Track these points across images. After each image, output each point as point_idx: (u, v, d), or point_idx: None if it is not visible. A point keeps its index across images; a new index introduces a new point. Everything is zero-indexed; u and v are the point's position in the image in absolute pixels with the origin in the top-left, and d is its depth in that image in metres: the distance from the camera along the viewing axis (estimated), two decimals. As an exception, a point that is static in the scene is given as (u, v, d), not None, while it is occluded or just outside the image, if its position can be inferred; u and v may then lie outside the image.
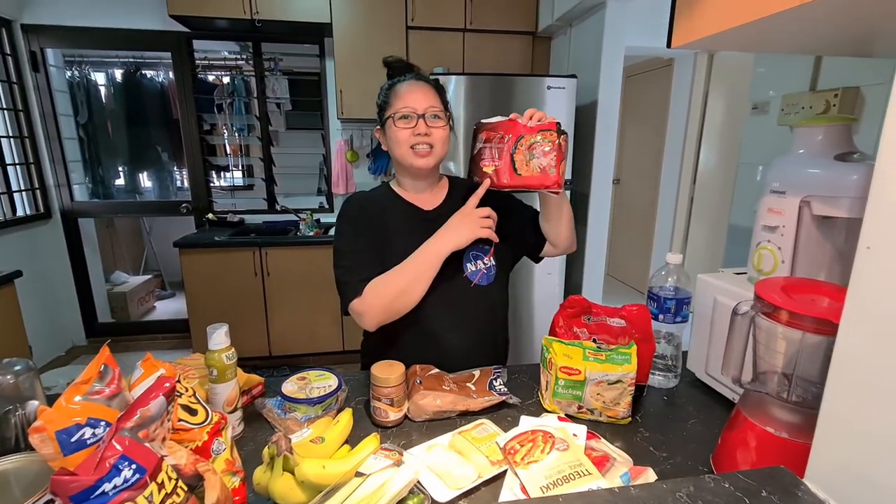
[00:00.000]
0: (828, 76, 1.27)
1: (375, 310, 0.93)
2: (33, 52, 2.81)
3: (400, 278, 0.93)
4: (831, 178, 0.75)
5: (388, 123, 0.98)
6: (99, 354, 0.56)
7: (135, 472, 0.45)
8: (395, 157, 1.00)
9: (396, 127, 0.96)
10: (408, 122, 0.95)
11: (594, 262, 2.64)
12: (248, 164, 3.75)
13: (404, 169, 1.02)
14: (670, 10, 0.72)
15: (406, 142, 0.96)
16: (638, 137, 4.12)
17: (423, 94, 0.96)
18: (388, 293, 0.93)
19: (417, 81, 0.98)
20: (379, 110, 1.02)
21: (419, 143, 0.96)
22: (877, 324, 0.47)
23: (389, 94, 0.99)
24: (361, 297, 0.93)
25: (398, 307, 0.94)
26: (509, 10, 2.81)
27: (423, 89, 0.97)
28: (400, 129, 0.96)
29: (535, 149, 0.87)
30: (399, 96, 0.96)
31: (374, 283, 0.93)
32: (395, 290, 0.93)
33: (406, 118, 0.95)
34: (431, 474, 0.69)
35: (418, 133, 0.95)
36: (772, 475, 0.56)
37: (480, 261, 1.04)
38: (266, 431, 0.83)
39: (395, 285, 0.93)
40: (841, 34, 0.65)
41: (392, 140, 0.98)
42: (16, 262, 2.29)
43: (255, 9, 2.60)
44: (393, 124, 0.96)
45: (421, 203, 1.05)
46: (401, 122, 0.95)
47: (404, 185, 1.06)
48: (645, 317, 0.90)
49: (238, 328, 2.66)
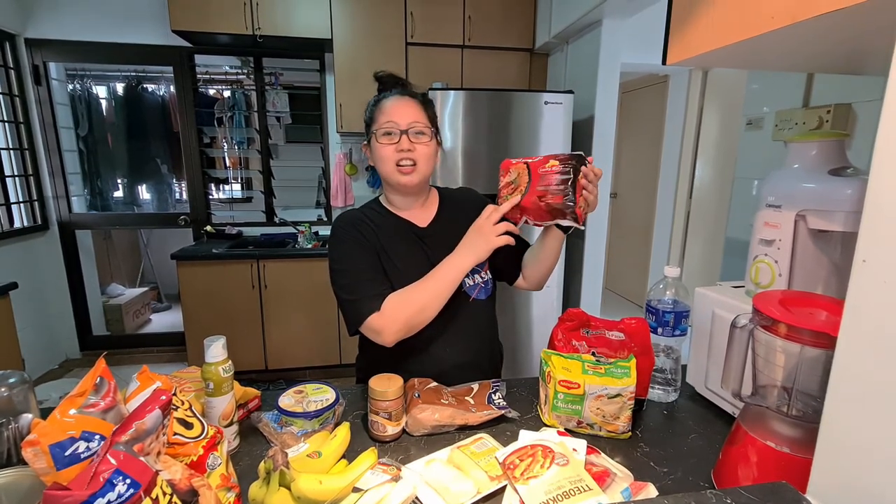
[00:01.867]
0: (820, 93, 1.29)
1: (396, 325, 0.90)
2: (36, 65, 2.83)
3: (421, 294, 0.91)
4: (826, 193, 0.76)
5: (373, 139, 0.97)
6: (95, 367, 0.55)
7: (129, 487, 0.45)
8: (381, 173, 0.99)
9: (379, 143, 0.95)
10: (390, 139, 0.94)
11: (592, 275, 2.64)
12: (247, 177, 3.77)
13: (391, 185, 1.00)
14: (665, 28, 0.73)
15: (389, 158, 0.95)
16: (634, 152, 4.16)
17: (408, 109, 0.95)
18: (410, 309, 0.90)
19: (402, 96, 0.97)
20: (366, 126, 1.01)
21: (402, 158, 0.94)
22: (875, 337, 0.48)
23: (374, 110, 0.98)
24: (380, 312, 0.90)
25: (417, 322, 0.91)
26: (507, 27, 2.86)
27: (407, 104, 0.96)
28: (383, 146, 0.95)
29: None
30: (383, 111, 0.95)
31: (393, 299, 0.91)
32: (416, 306, 0.90)
33: (389, 134, 0.94)
34: (430, 490, 0.68)
35: (401, 149, 0.94)
36: (774, 491, 0.56)
37: (478, 275, 1.04)
38: (262, 446, 0.81)
39: (417, 301, 0.90)
40: (832, 52, 0.67)
41: (376, 156, 0.97)
42: (12, 274, 2.28)
43: (256, 24, 2.64)
44: (376, 140, 0.95)
45: (414, 219, 1.03)
46: (384, 138, 0.94)
47: (394, 201, 1.04)
48: (644, 330, 0.90)
49: (234, 341, 2.64)
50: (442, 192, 1.11)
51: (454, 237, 0.94)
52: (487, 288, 1.05)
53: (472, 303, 1.02)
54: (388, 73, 1.04)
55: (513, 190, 0.90)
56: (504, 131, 2.37)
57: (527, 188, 0.87)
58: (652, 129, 3.81)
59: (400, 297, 0.91)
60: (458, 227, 0.95)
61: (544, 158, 0.87)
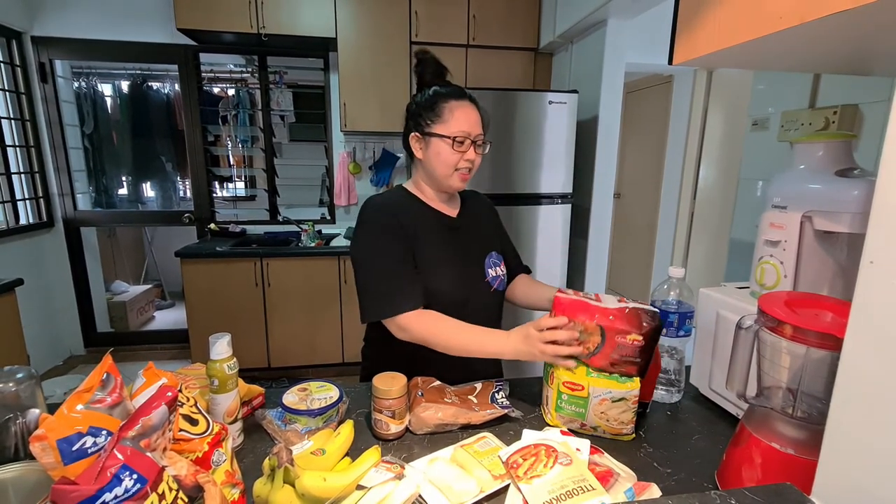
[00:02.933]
0: (826, 93, 1.29)
1: (418, 334, 0.93)
2: (42, 63, 2.85)
3: (455, 338, 0.92)
4: (832, 194, 0.75)
5: (438, 140, 0.97)
6: (101, 363, 0.56)
7: (136, 482, 0.45)
8: (435, 173, 1.00)
9: (452, 150, 0.96)
10: (461, 147, 0.97)
11: (595, 276, 2.64)
12: (251, 176, 3.78)
13: (438, 184, 1.03)
14: (672, 29, 0.73)
15: (454, 165, 0.98)
16: (638, 152, 4.15)
17: (477, 120, 0.98)
18: (439, 337, 0.93)
19: (471, 104, 0.99)
20: (421, 115, 0.99)
21: (465, 167, 0.98)
22: (882, 339, 0.47)
23: (443, 108, 0.97)
24: (417, 315, 0.93)
25: (433, 345, 0.94)
26: (511, 26, 2.85)
27: (474, 113, 0.99)
28: (454, 154, 0.97)
29: None
30: (455, 116, 0.96)
31: (434, 318, 0.93)
32: (444, 340, 0.93)
33: (462, 143, 0.97)
34: (433, 488, 0.68)
35: (467, 158, 0.98)
36: (778, 492, 0.56)
37: (498, 267, 1.10)
38: (266, 443, 0.82)
39: (448, 339, 0.92)
40: (839, 53, 0.66)
41: (438, 158, 0.98)
42: (17, 271, 2.30)
43: (261, 23, 2.64)
44: (449, 145, 0.96)
45: (445, 210, 1.07)
46: (457, 146, 0.96)
47: (427, 193, 1.05)
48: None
49: (238, 339, 2.63)
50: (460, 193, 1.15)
51: (479, 230, 1.09)
52: (504, 281, 1.12)
53: (493, 293, 1.08)
54: (432, 54, 1.04)
55: (577, 342, 0.83)
56: (508, 131, 2.37)
57: (597, 349, 0.82)
58: (656, 129, 3.80)
59: (439, 322, 0.93)
60: (480, 222, 1.10)
61: (621, 320, 0.80)
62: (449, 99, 0.98)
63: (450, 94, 0.98)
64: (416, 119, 1.00)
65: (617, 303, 0.83)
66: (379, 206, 1.00)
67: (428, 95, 1.00)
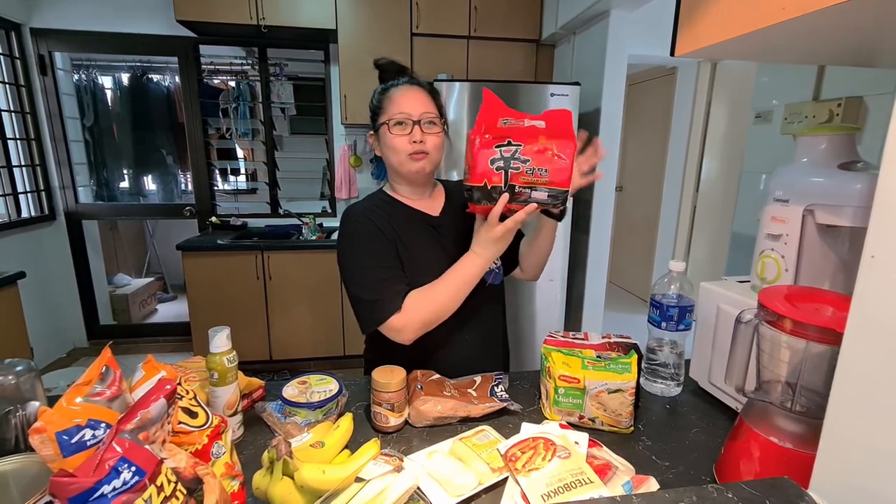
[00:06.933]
0: (831, 85, 1.27)
1: (416, 324, 0.90)
2: (42, 55, 2.84)
3: (442, 294, 0.90)
4: (835, 187, 0.75)
5: (382, 130, 0.95)
6: (100, 356, 0.56)
7: (134, 475, 0.45)
8: (391, 163, 0.98)
9: (392, 134, 0.94)
10: (403, 129, 0.93)
11: (596, 269, 2.63)
12: (252, 169, 3.77)
13: (400, 176, 1.00)
14: (674, 19, 0.72)
15: (402, 149, 0.94)
16: (641, 145, 4.13)
17: (418, 100, 0.94)
18: (431, 307, 0.90)
19: (412, 86, 0.96)
20: (372, 114, 0.99)
21: (415, 149, 0.94)
22: (882, 334, 0.47)
23: (383, 99, 0.96)
24: (402, 311, 0.89)
25: (436, 320, 0.92)
26: (513, 18, 2.83)
27: (417, 94, 0.95)
28: (395, 136, 0.94)
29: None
30: (393, 101, 0.94)
31: (414, 297, 0.91)
32: (437, 305, 0.90)
33: (401, 125, 0.93)
34: (431, 481, 0.68)
35: (414, 140, 0.93)
36: (775, 485, 0.56)
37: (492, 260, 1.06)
38: (266, 435, 0.82)
39: (438, 300, 0.90)
40: (843, 44, 0.65)
41: (387, 147, 0.96)
42: (19, 263, 2.31)
43: (261, 15, 2.62)
44: (388, 131, 0.94)
45: (425, 209, 1.03)
46: (396, 128, 0.93)
47: (402, 191, 1.03)
48: (565, 116, 0.82)
49: (239, 332, 2.66)
50: (446, 184, 1.12)
51: (465, 227, 0.96)
52: (500, 274, 1.07)
53: (488, 288, 1.03)
54: (389, 59, 1.02)
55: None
56: (509, 124, 2.35)
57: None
58: (659, 121, 3.77)
59: (420, 296, 0.91)
60: (467, 218, 0.95)
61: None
62: (388, 89, 0.97)
63: (391, 85, 0.97)
64: (371, 121, 1.00)
65: None
66: (357, 215, 0.98)
67: (374, 94, 1.00)
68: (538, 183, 0.80)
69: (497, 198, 0.81)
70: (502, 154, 0.80)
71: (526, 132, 0.80)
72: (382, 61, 1.02)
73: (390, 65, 1.02)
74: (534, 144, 0.80)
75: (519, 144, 0.80)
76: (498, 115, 0.82)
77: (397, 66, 1.02)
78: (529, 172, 0.79)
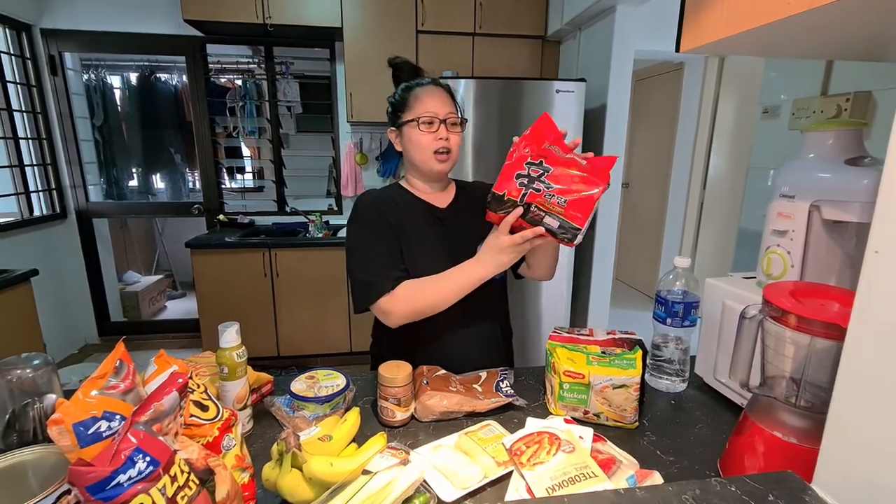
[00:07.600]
0: (839, 80, 1.26)
1: (405, 311, 0.94)
2: (52, 55, 2.87)
3: (437, 291, 0.93)
4: (842, 183, 0.74)
5: (408, 127, 0.99)
6: (114, 351, 0.57)
7: (149, 465, 0.47)
8: (414, 160, 1.01)
9: (420, 131, 0.97)
10: (430, 128, 0.97)
11: (602, 266, 2.63)
12: (259, 167, 3.79)
13: (421, 172, 1.03)
14: (679, 15, 0.72)
15: (428, 147, 0.98)
16: (647, 141, 4.10)
17: (443, 100, 0.99)
18: (422, 301, 0.93)
19: (436, 87, 1.01)
20: (393, 111, 1.03)
21: (440, 147, 0.98)
22: (885, 329, 0.47)
23: (408, 97, 1.00)
24: (392, 295, 0.93)
25: (425, 312, 0.95)
26: (519, 14, 2.82)
27: (442, 95, 1.00)
28: (423, 134, 0.97)
29: None
30: (420, 100, 0.98)
31: (409, 286, 0.93)
32: (429, 300, 0.93)
33: (430, 124, 0.97)
34: (437, 474, 0.70)
35: (440, 138, 0.97)
36: (779, 480, 0.56)
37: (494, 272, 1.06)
38: (275, 429, 0.84)
39: (431, 296, 0.93)
40: (850, 39, 0.65)
41: (412, 144, 0.99)
42: (32, 261, 2.34)
43: (267, 14, 2.64)
44: (417, 128, 0.97)
45: (434, 201, 1.07)
46: (424, 126, 0.97)
47: (417, 185, 1.07)
48: (608, 163, 0.83)
49: (247, 328, 2.67)
50: (457, 182, 1.15)
51: (471, 221, 0.99)
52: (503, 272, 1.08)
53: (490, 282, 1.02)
54: (404, 59, 1.07)
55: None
56: (515, 120, 2.35)
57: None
58: (666, 117, 3.74)
59: (415, 287, 0.93)
60: (474, 213, 0.97)
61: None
62: (414, 88, 1.00)
63: (415, 84, 1.01)
64: (391, 117, 1.04)
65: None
66: (366, 202, 1.02)
67: (398, 92, 1.03)
68: (553, 210, 0.80)
69: (510, 210, 0.82)
70: (529, 172, 0.81)
71: (563, 162, 0.81)
72: (398, 60, 1.07)
73: (405, 64, 1.06)
74: (565, 175, 0.80)
75: (549, 168, 0.80)
76: (546, 138, 0.83)
77: (411, 66, 1.06)
78: (548, 197, 0.80)
